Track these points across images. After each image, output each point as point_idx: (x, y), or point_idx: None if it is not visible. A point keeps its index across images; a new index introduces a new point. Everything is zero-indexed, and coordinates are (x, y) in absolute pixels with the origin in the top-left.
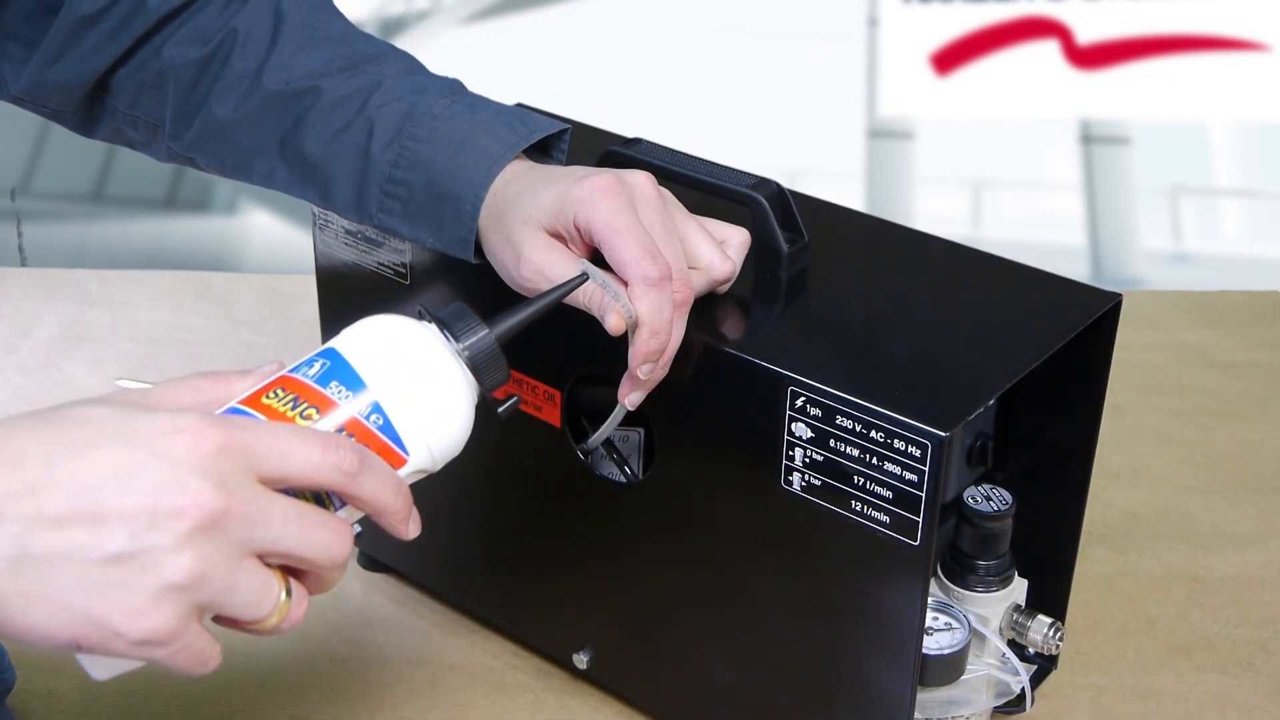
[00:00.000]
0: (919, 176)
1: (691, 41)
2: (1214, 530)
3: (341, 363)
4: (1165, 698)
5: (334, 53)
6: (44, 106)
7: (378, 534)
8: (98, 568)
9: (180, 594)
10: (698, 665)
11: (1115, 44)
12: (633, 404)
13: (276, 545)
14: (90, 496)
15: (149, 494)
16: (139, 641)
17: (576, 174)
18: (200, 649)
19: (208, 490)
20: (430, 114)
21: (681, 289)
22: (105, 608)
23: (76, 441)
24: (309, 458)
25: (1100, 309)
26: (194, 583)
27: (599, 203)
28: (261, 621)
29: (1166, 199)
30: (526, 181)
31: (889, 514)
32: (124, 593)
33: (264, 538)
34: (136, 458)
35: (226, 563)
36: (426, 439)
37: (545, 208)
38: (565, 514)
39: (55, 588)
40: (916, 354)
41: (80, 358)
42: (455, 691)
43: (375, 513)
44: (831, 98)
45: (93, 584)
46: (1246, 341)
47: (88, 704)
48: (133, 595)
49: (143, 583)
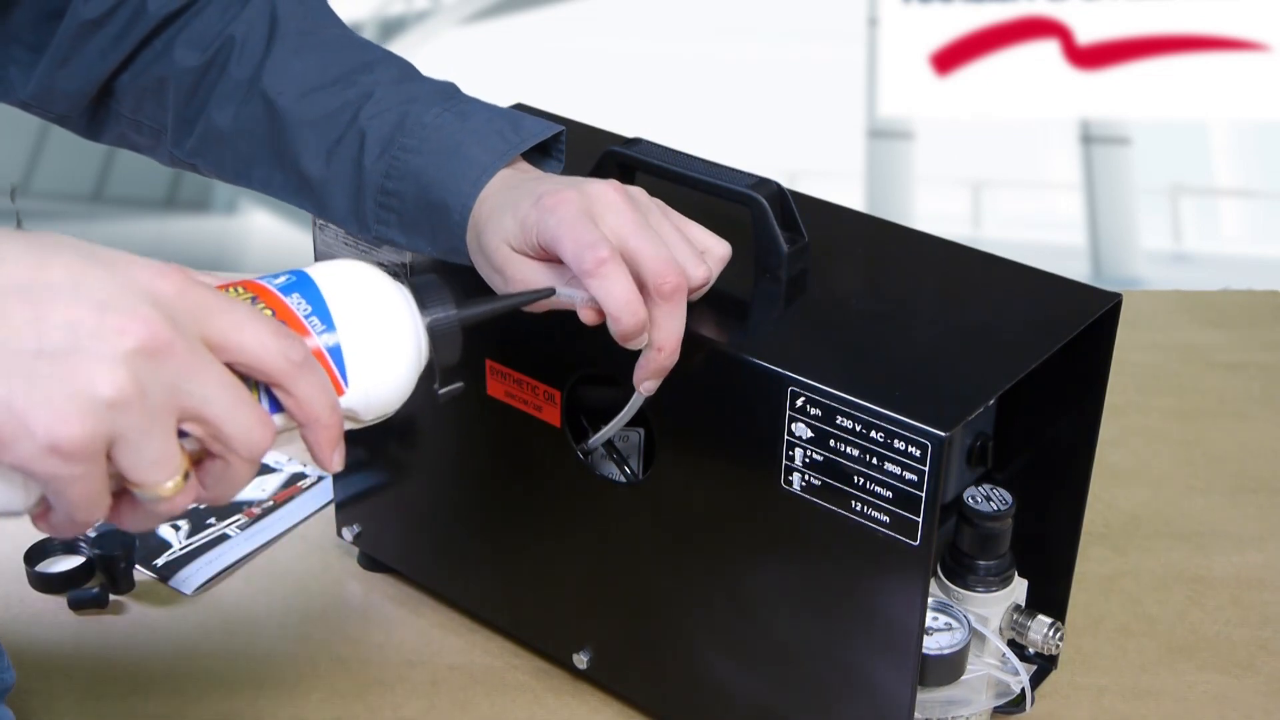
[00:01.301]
0: (919, 176)
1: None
2: (1214, 530)
3: (309, 285)
4: (1165, 698)
5: (328, 60)
6: (51, 111)
7: (378, 534)
8: (31, 359)
9: (104, 411)
10: (698, 665)
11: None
12: (648, 390)
13: (203, 407)
14: (40, 291)
15: (99, 305)
16: (48, 447)
17: (536, 193)
18: (95, 492)
19: (157, 320)
20: (420, 123)
21: (670, 277)
22: (28, 402)
23: (44, 243)
24: (259, 336)
25: (1100, 309)
26: (120, 403)
27: (547, 217)
28: (155, 487)
29: (1166, 199)
30: (498, 201)
31: (889, 514)
32: (51, 391)
33: (194, 394)
34: (96, 272)
35: (152, 403)
36: (367, 385)
37: (511, 231)
38: (565, 514)
39: None
40: (916, 354)
41: None
42: (455, 691)
43: (306, 420)
44: (831, 98)
45: (21, 373)
46: (1246, 341)
47: (88, 704)
48: (59, 396)
49: (73, 385)
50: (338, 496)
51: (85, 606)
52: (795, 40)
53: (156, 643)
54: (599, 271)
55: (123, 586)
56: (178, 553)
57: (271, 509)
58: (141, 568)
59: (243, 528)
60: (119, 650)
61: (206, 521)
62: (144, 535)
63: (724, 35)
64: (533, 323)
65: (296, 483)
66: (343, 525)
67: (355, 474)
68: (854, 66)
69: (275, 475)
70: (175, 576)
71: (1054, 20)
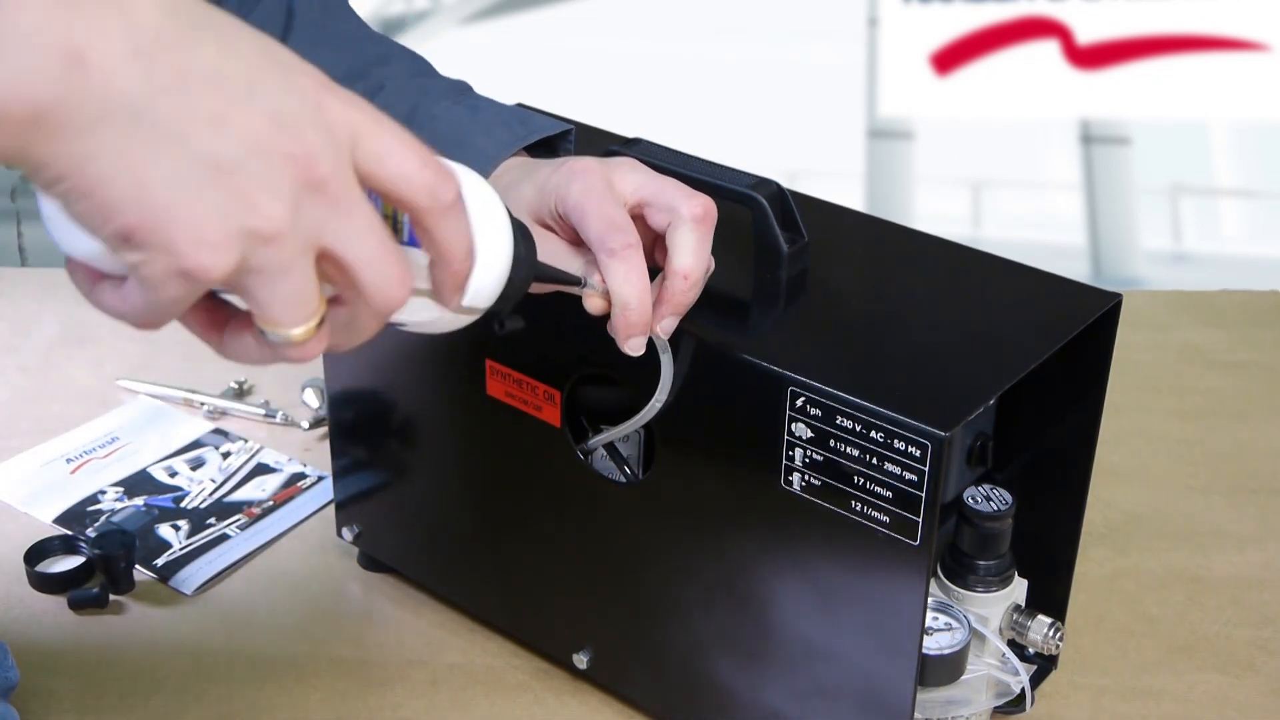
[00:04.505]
0: (919, 176)
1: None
2: (1214, 530)
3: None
4: (1165, 698)
5: (343, 53)
6: None
7: (378, 534)
8: (200, 168)
9: (252, 245)
10: (698, 665)
11: (1115, 44)
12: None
13: (348, 247)
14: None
15: (273, 118)
16: (182, 270)
17: (557, 162)
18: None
19: (321, 148)
20: (430, 115)
21: (703, 201)
22: (185, 218)
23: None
24: (407, 165)
25: (1100, 309)
26: (272, 238)
27: (571, 184)
28: (286, 328)
29: (1166, 199)
30: (514, 175)
31: (889, 514)
32: (208, 212)
33: (341, 232)
34: (270, 74)
35: (301, 240)
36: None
37: (529, 198)
38: (565, 514)
39: (151, 166)
40: (916, 354)
41: (80, 358)
42: (455, 691)
43: (443, 258)
44: (831, 98)
45: (187, 184)
46: (1246, 341)
47: (88, 704)
48: (214, 219)
49: (231, 210)
50: (338, 496)
51: (85, 606)
52: (795, 40)
53: (156, 643)
54: (624, 254)
55: (123, 586)
56: (178, 553)
57: (271, 509)
58: (141, 568)
59: (243, 528)
60: (119, 650)
61: (206, 522)
62: (144, 535)
63: (724, 35)
64: (533, 323)
65: (296, 483)
66: (343, 525)
67: (355, 474)
68: (854, 66)
69: (275, 475)
70: (175, 576)
71: (1054, 20)
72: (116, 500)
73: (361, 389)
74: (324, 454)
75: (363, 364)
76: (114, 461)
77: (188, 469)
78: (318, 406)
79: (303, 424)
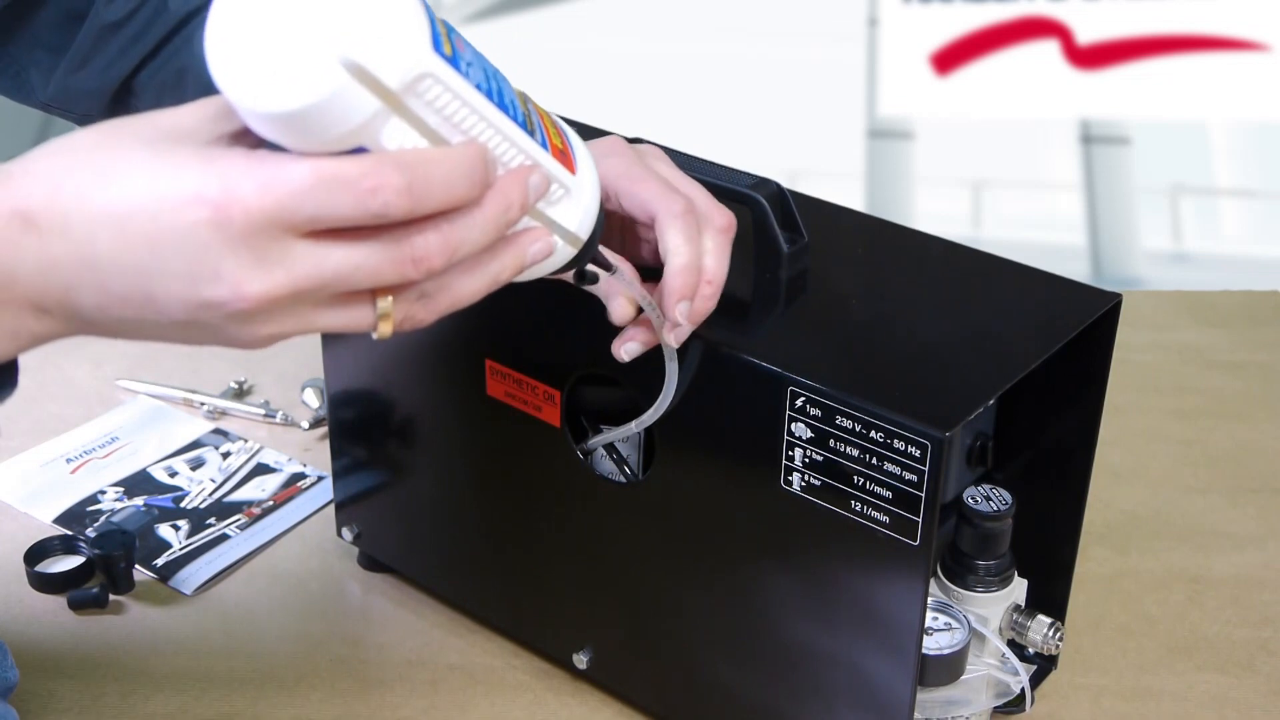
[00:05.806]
0: (919, 176)
1: (691, 41)
2: (1214, 530)
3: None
4: (1165, 698)
5: None
6: (72, 112)
7: (378, 534)
8: (177, 329)
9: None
10: (698, 665)
11: (1115, 44)
12: (678, 340)
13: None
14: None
15: (188, 279)
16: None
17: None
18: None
19: (240, 272)
20: None
21: (724, 212)
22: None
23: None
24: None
25: (1100, 309)
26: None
27: (608, 156)
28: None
29: (1166, 199)
30: None
31: (889, 514)
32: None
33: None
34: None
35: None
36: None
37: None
38: (565, 514)
39: (148, 335)
40: (916, 354)
41: (80, 358)
42: (455, 691)
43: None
44: (831, 98)
45: (179, 336)
46: (1246, 341)
47: (87, 704)
48: (228, 343)
49: (231, 343)
50: (337, 496)
51: (85, 606)
52: (795, 40)
53: (156, 643)
54: (686, 217)
55: (123, 586)
56: (178, 553)
57: (271, 509)
58: (141, 568)
59: (243, 528)
60: (119, 650)
61: (206, 522)
62: (144, 535)
63: (724, 35)
64: (533, 323)
65: (296, 483)
66: (343, 525)
67: (355, 474)
68: (854, 66)
69: (275, 475)
70: (175, 576)
71: (1054, 20)
72: (116, 500)
73: (361, 389)
74: (324, 454)
75: (363, 364)
76: (114, 461)
77: (188, 469)
78: (317, 406)
79: (303, 424)
